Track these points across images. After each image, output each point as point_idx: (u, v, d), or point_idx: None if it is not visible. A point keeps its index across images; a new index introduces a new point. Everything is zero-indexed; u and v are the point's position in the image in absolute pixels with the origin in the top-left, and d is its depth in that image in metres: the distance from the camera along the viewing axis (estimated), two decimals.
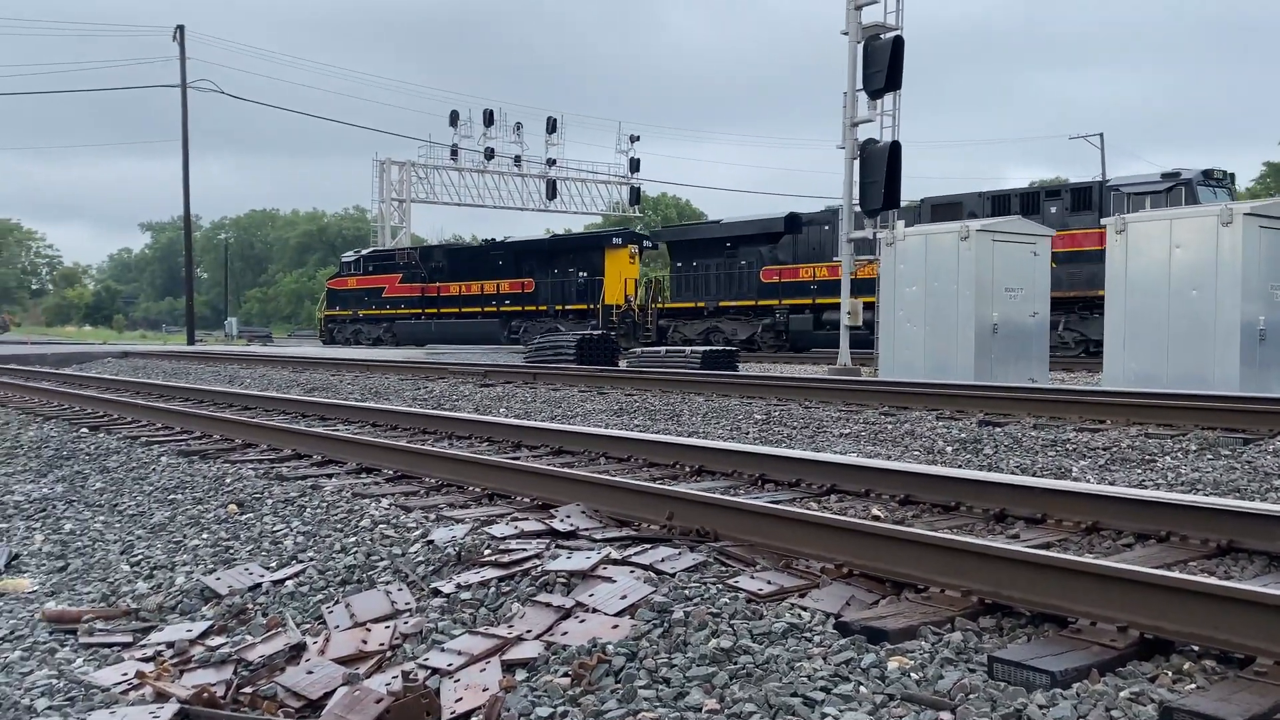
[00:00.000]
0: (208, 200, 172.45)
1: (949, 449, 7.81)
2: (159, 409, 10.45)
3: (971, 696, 2.61)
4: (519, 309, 34.57)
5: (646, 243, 33.29)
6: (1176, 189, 20.94)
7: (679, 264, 30.67)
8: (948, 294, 14.78)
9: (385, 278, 39.09)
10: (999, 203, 23.36)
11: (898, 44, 18.06)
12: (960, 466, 6.85)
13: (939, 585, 3.46)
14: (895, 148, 18.20)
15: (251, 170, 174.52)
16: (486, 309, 35.47)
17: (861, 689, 2.70)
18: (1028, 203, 22.84)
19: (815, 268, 27.02)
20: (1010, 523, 4.70)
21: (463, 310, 36.33)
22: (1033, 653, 2.88)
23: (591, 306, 31.98)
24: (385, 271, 39.28)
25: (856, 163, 18.77)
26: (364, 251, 43.47)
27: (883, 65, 18.00)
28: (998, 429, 8.60)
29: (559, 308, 33.28)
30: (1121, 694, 2.62)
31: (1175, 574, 3.09)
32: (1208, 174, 21.56)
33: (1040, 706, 2.53)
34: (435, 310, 37.29)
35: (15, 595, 4.65)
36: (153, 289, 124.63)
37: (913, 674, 2.79)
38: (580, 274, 32.64)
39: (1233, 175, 22.38)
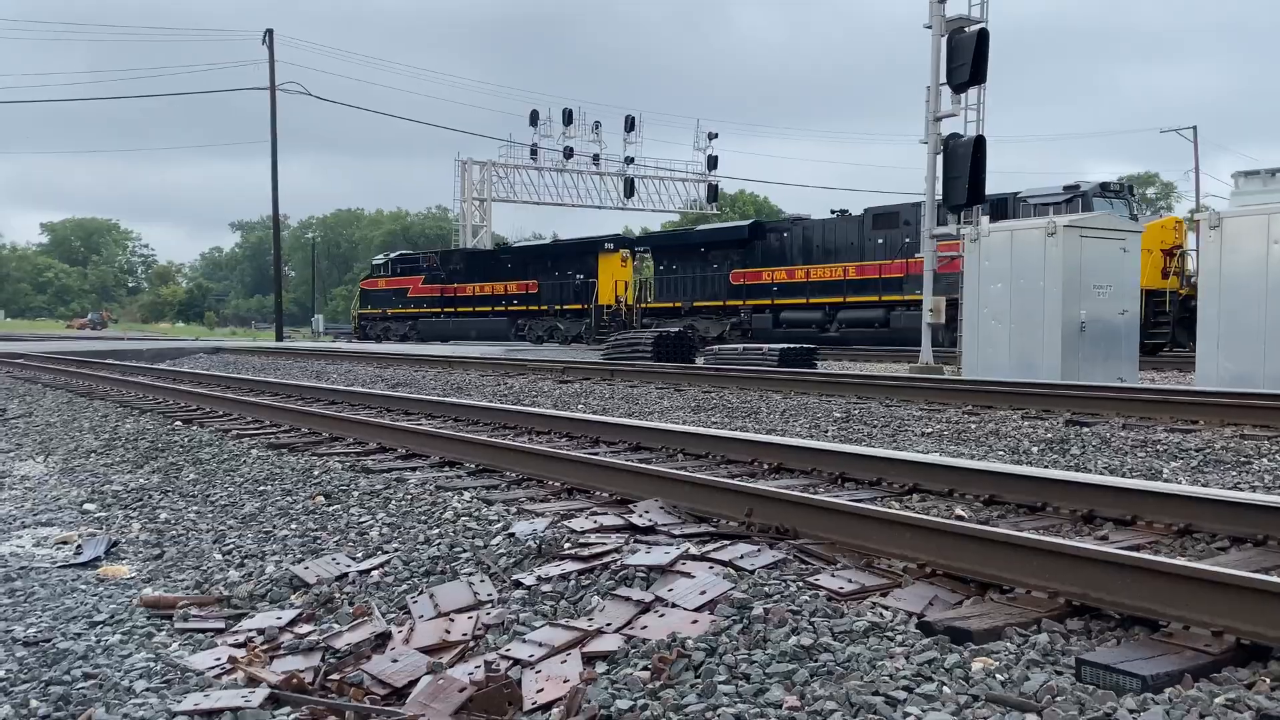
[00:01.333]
0: (295, 200, 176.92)
1: (1035, 449, 7.66)
2: (249, 403, 10.74)
3: (1059, 699, 2.56)
4: (524, 308, 37.13)
5: (639, 248, 35.13)
6: (1075, 200, 22.34)
7: (661, 267, 33.00)
8: (1034, 291, 14.46)
9: (410, 279, 41.97)
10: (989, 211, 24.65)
11: (982, 37, 17.71)
12: (1047, 467, 6.71)
13: (1025, 586, 3.40)
14: (980, 142, 17.85)
15: (337, 170, 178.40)
16: (496, 308, 38.14)
17: (945, 689, 2.66)
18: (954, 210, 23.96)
19: (774, 271, 29.19)
20: (1099, 524, 4.59)
21: (476, 309, 39.04)
22: (1122, 656, 2.82)
23: (586, 306, 34.29)
24: (410, 274, 42.22)
25: (939, 157, 18.46)
26: (391, 255, 46.76)
27: (967, 59, 17.66)
28: (1086, 429, 8.40)
29: (558, 307, 35.69)
30: (1216, 700, 2.54)
31: (1276, 579, 2.99)
32: (1105, 186, 22.99)
33: (1130, 711, 2.47)
34: (453, 309, 40.07)
35: (115, 581, 4.82)
36: (242, 286, 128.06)
37: (997, 675, 2.75)
38: (577, 276, 34.95)
39: (1130, 187, 24.04)
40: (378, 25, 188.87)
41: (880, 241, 26.83)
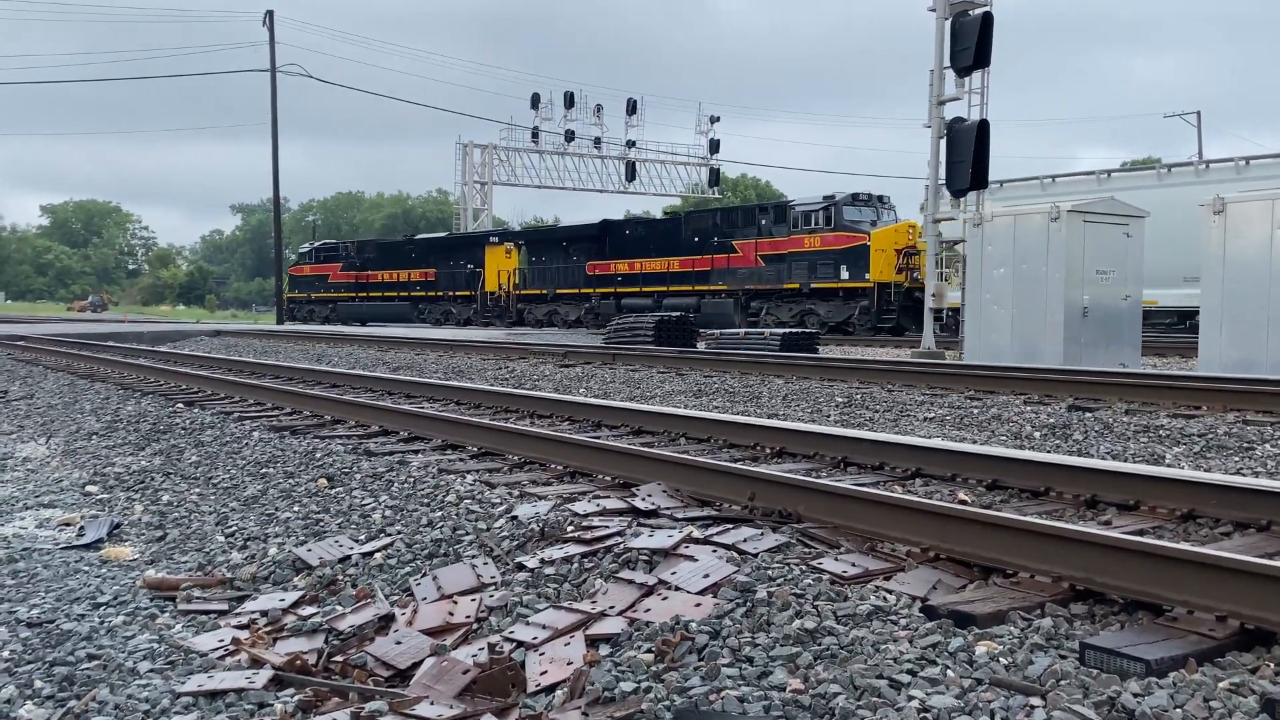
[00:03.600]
0: (296, 183, 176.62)
1: (1037, 434, 7.65)
2: (251, 386, 10.74)
3: (1063, 683, 2.56)
4: (424, 294, 40.97)
5: (519, 241, 38.77)
6: (829, 208, 26.82)
7: (533, 259, 37.03)
8: (1036, 276, 14.43)
9: (330, 266, 45.81)
10: (728, 216, 30.56)
11: (987, 20, 17.61)
12: (1049, 452, 6.71)
13: (1029, 570, 3.40)
14: (983, 126, 17.77)
15: (338, 153, 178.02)
16: (401, 293, 41.98)
17: (949, 672, 2.66)
18: (748, 216, 29.76)
19: (617, 264, 33.07)
20: (1102, 509, 4.59)
21: (385, 294, 42.81)
22: (1126, 640, 2.82)
23: (473, 293, 38.42)
24: (330, 261, 46.06)
25: (943, 141, 18.39)
26: (315, 244, 50.44)
27: (971, 42, 17.56)
28: (1088, 414, 8.39)
29: (451, 293, 39.54)
30: (1220, 685, 2.54)
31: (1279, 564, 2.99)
32: (855, 196, 27.35)
33: (1134, 695, 2.47)
34: (365, 294, 43.87)
35: (118, 562, 4.82)
36: (243, 269, 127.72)
37: (1001, 659, 2.75)
38: (468, 266, 38.77)
39: (882, 197, 27.76)
40: (377, 7, 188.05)
41: (696, 240, 30.60)
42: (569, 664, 3.03)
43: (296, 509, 5.33)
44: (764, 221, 28.56)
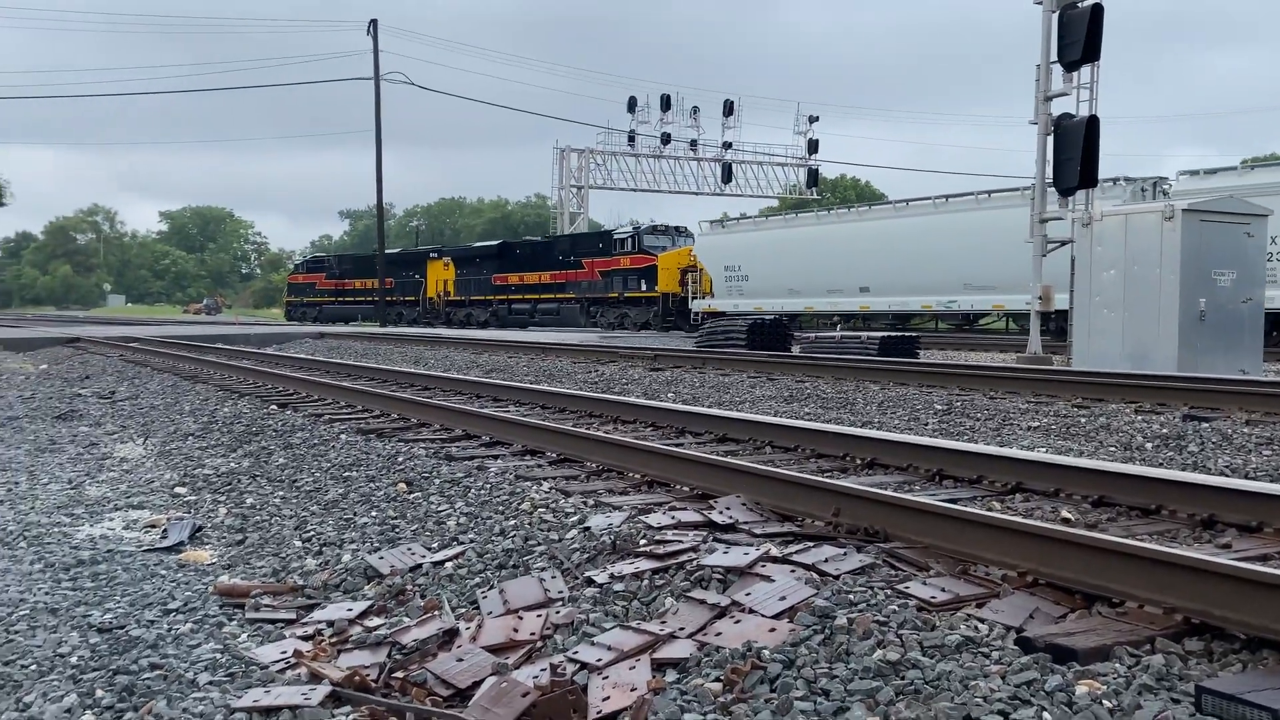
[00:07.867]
0: (399, 189, 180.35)
1: (1149, 445, 7.22)
2: (344, 388, 10.83)
3: None
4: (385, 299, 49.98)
5: (451, 256, 46.98)
6: (635, 236, 35.98)
7: (459, 271, 45.19)
8: (1149, 278, 13.76)
9: (318, 275, 55.98)
10: (580, 241, 39.54)
11: (1096, 12, 16.88)
12: (1161, 465, 6.29)
13: (1137, 600, 3.10)
14: (1093, 122, 17.02)
15: (440, 159, 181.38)
16: (368, 299, 50.34)
17: (1045, 715, 2.41)
18: (591, 241, 38.48)
19: (509, 276, 41.72)
20: (1220, 530, 4.23)
21: (355, 299, 51.99)
22: (1250, 685, 2.52)
23: (416, 298, 47.56)
24: (318, 271, 56.50)
25: (1050, 138, 17.70)
26: (307, 257, 62.06)
27: (1080, 35, 16.85)
28: (1205, 424, 7.90)
29: (403, 299, 48.51)
30: None
31: None
32: (655, 227, 36.46)
33: None
34: (342, 299, 53.51)
35: (195, 566, 4.82)
36: None
37: (1105, 701, 2.48)
38: (415, 276, 47.76)
39: (679, 227, 36.42)
40: (473, 14, 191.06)
41: (560, 258, 38.90)
42: (632, 690, 2.86)
43: (374, 514, 5.27)
44: (600, 245, 37.33)
